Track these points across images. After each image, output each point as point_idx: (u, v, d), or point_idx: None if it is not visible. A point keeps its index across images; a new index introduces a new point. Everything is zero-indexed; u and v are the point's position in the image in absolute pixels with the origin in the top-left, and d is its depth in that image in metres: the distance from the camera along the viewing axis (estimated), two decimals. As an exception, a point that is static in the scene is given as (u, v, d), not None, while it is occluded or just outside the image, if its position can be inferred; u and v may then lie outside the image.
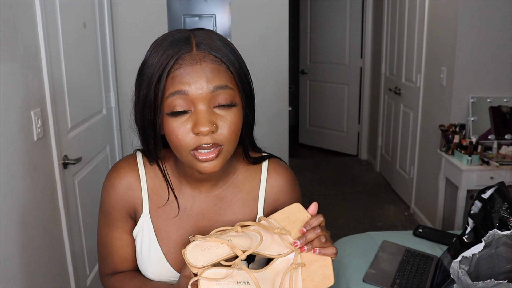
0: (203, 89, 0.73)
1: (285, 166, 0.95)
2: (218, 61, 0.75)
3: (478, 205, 1.61)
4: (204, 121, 0.73)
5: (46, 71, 1.67)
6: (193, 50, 0.75)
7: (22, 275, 1.48)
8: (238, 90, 0.78)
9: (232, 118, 0.76)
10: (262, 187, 0.91)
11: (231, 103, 0.76)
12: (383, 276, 1.60)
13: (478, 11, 2.62)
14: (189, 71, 0.73)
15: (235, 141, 0.79)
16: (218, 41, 0.78)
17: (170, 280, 0.89)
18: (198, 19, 2.83)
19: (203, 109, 0.74)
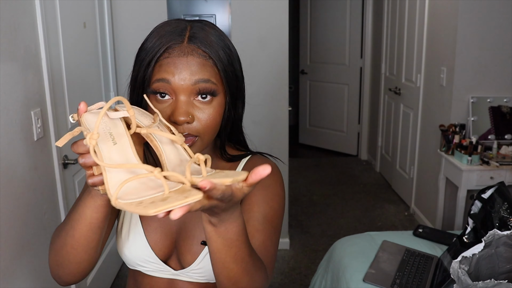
0: (185, 81, 0.76)
1: (266, 159, 0.93)
2: (205, 56, 0.78)
3: (478, 205, 1.61)
4: (181, 111, 0.76)
5: (46, 71, 1.67)
6: (184, 43, 0.78)
7: (22, 275, 1.48)
8: (223, 86, 0.80)
9: (210, 112, 0.79)
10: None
11: (211, 98, 0.79)
12: (383, 276, 1.60)
13: (478, 11, 2.62)
14: (176, 61, 0.77)
15: (211, 134, 0.81)
16: (213, 36, 0.80)
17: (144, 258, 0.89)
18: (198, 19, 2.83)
19: (182, 99, 0.77)
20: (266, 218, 0.85)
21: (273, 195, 0.88)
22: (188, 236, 0.89)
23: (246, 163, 0.92)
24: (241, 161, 0.92)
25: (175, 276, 0.91)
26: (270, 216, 0.86)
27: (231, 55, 0.82)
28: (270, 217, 0.86)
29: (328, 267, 1.85)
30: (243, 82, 0.87)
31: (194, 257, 0.88)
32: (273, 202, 0.88)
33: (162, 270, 0.91)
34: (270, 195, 0.88)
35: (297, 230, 3.25)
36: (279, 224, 0.89)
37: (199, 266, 0.88)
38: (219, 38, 0.81)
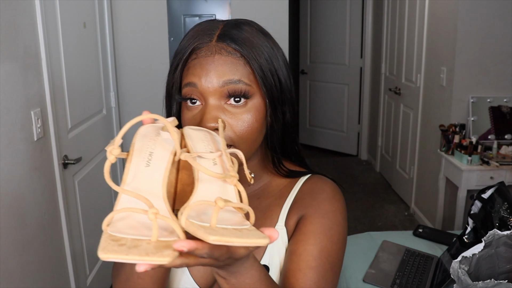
0: (213, 83, 0.68)
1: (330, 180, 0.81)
2: (236, 54, 0.69)
3: (478, 205, 1.61)
4: (209, 116, 0.67)
5: (46, 71, 1.67)
6: (212, 41, 0.70)
7: (22, 275, 1.48)
8: (259, 87, 0.70)
9: (244, 117, 0.69)
10: (292, 193, 0.78)
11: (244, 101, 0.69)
12: (383, 276, 1.60)
13: (478, 11, 2.62)
14: (202, 62, 0.69)
15: (249, 143, 0.70)
16: (247, 33, 0.71)
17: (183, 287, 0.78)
18: (198, 19, 2.83)
19: (211, 104, 0.68)
20: (322, 252, 0.72)
21: (333, 224, 0.75)
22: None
23: (305, 183, 0.79)
24: (300, 179, 0.80)
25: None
26: (328, 250, 0.73)
27: (271, 53, 0.72)
28: (327, 251, 0.73)
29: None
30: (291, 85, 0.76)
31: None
32: (333, 233, 0.74)
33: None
34: (330, 224, 0.75)
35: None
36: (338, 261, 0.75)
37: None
38: (257, 34, 0.72)
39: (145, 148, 0.54)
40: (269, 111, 0.72)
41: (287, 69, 0.74)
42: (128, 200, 0.48)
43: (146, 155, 0.53)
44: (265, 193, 0.79)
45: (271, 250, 0.74)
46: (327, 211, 0.75)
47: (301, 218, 0.75)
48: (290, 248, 0.73)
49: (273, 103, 0.71)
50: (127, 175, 0.51)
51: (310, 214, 0.74)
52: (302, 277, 0.70)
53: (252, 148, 0.72)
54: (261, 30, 0.74)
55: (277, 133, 0.74)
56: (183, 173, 0.56)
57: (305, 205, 0.75)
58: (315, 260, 0.71)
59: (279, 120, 0.73)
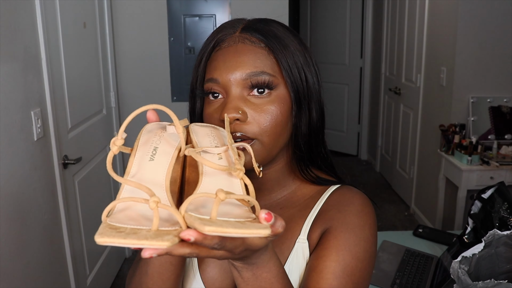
0: (236, 75, 0.65)
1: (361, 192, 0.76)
2: (260, 43, 0.66)
3: (478, 205, 1.61)
4: (230, 106, 0.63)
5: (46, 71, 1.67)
6: (236, 33, 0.68)
7: (22, 275, 1.48)
8: (284, 80, 0.66)
9: (268, 108, 0.65)
10: (318, 205, 0.72)
11: (268, 92, 0.65)
12: (383, 276, 1.60)
13: (478, 11, 2.62)
14: (224, 53, 0.66)
15: (273, 137, 0.66)
16: (274, 26, 0.69)
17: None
18: (198, 19, 2.83)
19: (233, 94, 0.65)
20: (345, 270, 0.65)
21: (360, 240, 0.68)
22: None
23: (332, 193, 0.73)
24: (328, 189, 0.74)
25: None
26: (351, 268, 0.65)
27: (297, 48, 0.68)
28: (351, 269, 0.65)
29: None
30: (319, 87, 0.71)
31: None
32: (358, 250, 0.67)
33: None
34: (356, 239, 0.68)
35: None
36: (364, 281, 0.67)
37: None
38: (282, 29, 0.69)
39: (150, 142, 0.53)
40: (294, 107, 0.68)
41: (314, 68, 0.70)
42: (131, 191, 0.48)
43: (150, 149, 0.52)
44: (289, 203, 0.73)
45: (290, 263, 0.69)
46: (354, 225, 0.69)
47: (325, 231, 0.69)
48: (310, 264, 0.67)
49: (298, 97, 0.67)
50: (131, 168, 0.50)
51: (335, 227, 0.68)
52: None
53: (277, 144, 0.67)
54: (288, 28, 0.71)
55: (303, 132, 0.69)
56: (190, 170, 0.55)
57: (330, 217, 0.69)
58: (336, 279, 0.64)
59: (305, 118, 0.69)
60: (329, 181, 0.74)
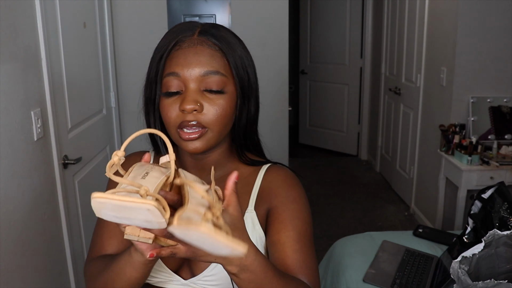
0: (195, 72, 0.77)
1: (288, 168, 0.93)
2: (215, 47, 0.80)
3: (478, 205, 1.61)
4: (190, 99, 0.77)
5: (46, 71, 1.67)
6: (194, 36, 0.80)
7: (22, 275, 1.48)
8: (233, 79, 0.81)
9: (220, 102, 0.79)
10: (258, 182, 0.89)
11: (221, 89, 0.79)
12: (383, 276, 1.60)
13: (478, 11, 2.62)
14: (185, 52, 0.78)
15: (221, 127, 0.80)
16: (223, 32, 0.82)
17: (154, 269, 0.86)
18: (198, 19, 2.83)
19: (192, 89, 0.78)
20: (301, 234, 0.82)
21: (302, 207, 0.86)
22: None
23: (267, 171, 0.89)
24: (262, 167, 0.90)
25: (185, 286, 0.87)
26: (304, 231, 0.83)
27: (243, 52, 0.83)
28: (304, 232, 0.83)
29: (328, 267, 1.85)
30: (257, 84, 0.86)
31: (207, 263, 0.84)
32: (303, 215, 0.85)
33: (172, 280, 0.87)
34: (299, 208, 0.85)
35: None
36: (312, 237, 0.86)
37: (212, 273, 0.84)
38: (231, 35, 0.83)
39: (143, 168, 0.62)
40: (239, 101, 0.82)
41: (254, 69, 0.85)
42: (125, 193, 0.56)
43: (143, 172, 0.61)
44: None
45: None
46: (294, 198, 0.86)
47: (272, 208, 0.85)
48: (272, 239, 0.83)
49: (242, 94, 0.82)
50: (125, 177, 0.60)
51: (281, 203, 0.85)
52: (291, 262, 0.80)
53: (223, 133, 0.81)
54: (234, 34, 0.85)
55: (243, 123, 0.85)
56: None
57: (273, 195, 0.86)
58: (297, 243, 0.81)
59: (245, 111, 0.84)
60: (260, 162, 0.91)
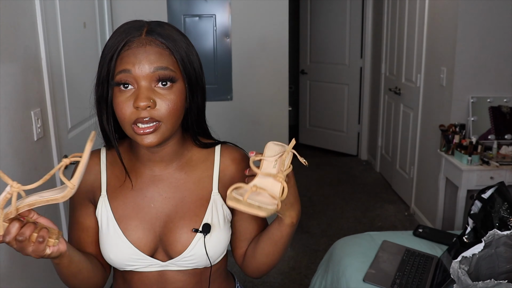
0: (145, 69, 0.82)
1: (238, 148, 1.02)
2: (163, 46, 0.85)
3: (478, 205, 1.61)
4: (143, 96, 0.81)
5: (46, 71, 1.67)
6: (142, 35, 0.85)
7: (22, 275, 1.48)
8: (181, 74, 0.86)
9: (171, 97, 0.84)
10: (216, 165, 0.97)
11: (170, 84, 0.84)
12: (383, 276, 1.60)
13: (478, 11, 2.63)
14: (135, 52, 0.83)
15: (174, 119, 0.85)
16: (169, 30, 0.87)
17: (130, 257, 0.93)
18: (198, 19, 2.83)
19: (144, 86, 0.82)
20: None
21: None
22: (176, 226, 0.93)
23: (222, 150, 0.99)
24: (215, 148, 0.99)
25: (164, 268, 0.95)
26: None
27: (188, 48, 0.88)
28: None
29: (328, 267, 1.85)
30: (202, 75, 0.92)
31: (185, 246, 0.92)
32: None
33: (151, 264, 0.94)
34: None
35: (297, 230, 3.24)
36: None
37: (191, 253, 0.93)
38: (176, 33, 0.88)
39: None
40: (188, 94, 0.88)
41: (199, 61, 0.91)
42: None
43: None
44: (190, 166, 0.97)
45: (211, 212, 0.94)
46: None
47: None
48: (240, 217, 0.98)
49: (191, 87, 0.88)
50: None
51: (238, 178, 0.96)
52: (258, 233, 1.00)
53: (176, 125, 0.87)
54: (178, 30, 0.90)
55: (194, 112, 0.92)
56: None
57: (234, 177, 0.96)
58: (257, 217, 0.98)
59: (194, 103, 0.91)
60: (211, 144, 0.99)
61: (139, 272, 0.96)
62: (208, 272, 0.97)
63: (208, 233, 0.92)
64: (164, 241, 0.94)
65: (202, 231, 0.92)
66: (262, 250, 0.95)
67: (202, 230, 0.92)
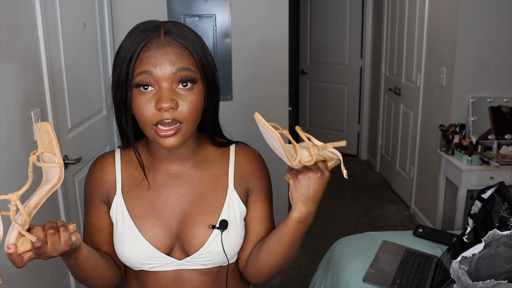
0: (167, 70, 0.82)
1: (252, 148, 1.04)
2: (182, 46, 0.84)
3: (478, 205, 1.61)
4: (166, 98, 0.81)
5: (46, 71, 1.67)
6: (160, 36, 0.84)
7: (22, 275, 1.48)
8: (200, 74, 0.86)
9: (192, 98, 0.84)
10: (231, 163, 0.98)
11: (191, 85, 0.84)
12: (383, 276, 1.60)
13: (478, 11, 2.62)
14: (155, 53, 0.82)
15: (194, 120, 0.86)
16: (186, 31, 0.87)
17: (146, 256, 0.92)
18: (198, 19, 2.83)
19: (166, 87, 0.82)
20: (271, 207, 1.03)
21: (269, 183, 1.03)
22: (193, 223, 0.93)
23: (237, 149, 1.00)
24: (230, 148, 1.00)
25: (180, 266, 0.94)
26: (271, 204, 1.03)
27: (204, 48, 0.88)
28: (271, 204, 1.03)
29: (328, 267, 1.85)
30: (217, 75, 0.93)
31: (203, 242, 0.92)
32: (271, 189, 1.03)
33: (167, 263, 0.94)
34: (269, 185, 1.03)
35: (297, 230, 3.24)
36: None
37: (208, 250, 0.92)
38: (192, 33, 0.88)
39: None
40: (206, 94, 0.89)
41: (212, 59, 0.91)
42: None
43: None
44: (206, 164, 0.97)
45: (228, 208, 0.95)
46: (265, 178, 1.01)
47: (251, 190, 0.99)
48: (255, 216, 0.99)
49: (208, 87, 0.89)
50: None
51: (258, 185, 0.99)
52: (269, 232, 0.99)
53: (196, 125, 0.88)
54: (193, 30, 0.89)
55: (211, 112, 0.93)
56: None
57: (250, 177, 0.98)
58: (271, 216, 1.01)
59: (211, 102, 0.91)
60: (226, 143, 1.00)
61: (154, 272, 0.95)
62: (223, 272, 0.97)
63: (225, 229, 0.92)
64: (181, 238, 0.93)
65: (220, 227, 0.92)
66: (266, 248, 0.93)
67: (220, 226, 0.92)
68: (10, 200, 0.73)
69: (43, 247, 0.74)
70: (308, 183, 0.84)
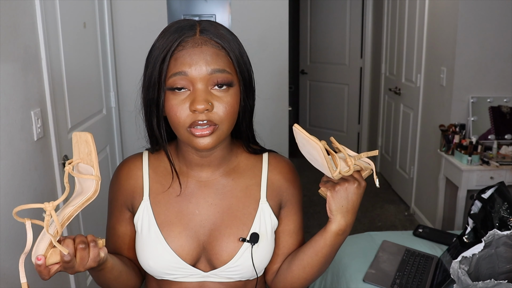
0: (202, 71, 0.78)
1: (285, 158, 1.00)
2: (218, 46, 0.80)
3: (478, 205, 1.61)
4: (201, 99, 0.77)
5: (46, 71, 1.67)
6: (196, 35, 0.80)
7: (22, 275, 1.48)
8: (236, 75, 0.83)
9: (228, 100, 0.80)
10: (264, 173, 0.94)
11: (227, 87, 0.80)
12: (383, 276, 1.60)
13: (478, 11, 2.62)
14: (191, 53, 0.78)
15: (230, 122, 0.82)
16: (222, 30, 0.83)
17: (171, 266, 0.88)
18: (198, 19, 2.83)
19: (201, 88, 0.78)
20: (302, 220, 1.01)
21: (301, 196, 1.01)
22: (223, 234, 0.89)
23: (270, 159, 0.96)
24: (263, 157, 0.96)
25: (204, 278, 0.90)
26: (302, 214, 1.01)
27: (241, 48, 0.85)
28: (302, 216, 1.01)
29: (328, 267, 1.85)
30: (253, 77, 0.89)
31: (231, 255, 0.88)
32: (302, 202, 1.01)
33: (192, 274, 0.90)
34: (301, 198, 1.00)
35: (297, 230, 3.24)
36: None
37: (236, 264, 0.88)
38: (228, 32, 0.84)
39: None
40: (242, 97, 0.85)
41: (250, 64, 0.88)
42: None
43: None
44: (237, 173, 0.93)
45: (259, 221, 0.91)
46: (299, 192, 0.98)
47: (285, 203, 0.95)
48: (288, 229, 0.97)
49: (245, 90, 0.85)
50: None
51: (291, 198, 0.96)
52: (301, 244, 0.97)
53: (231, 128, 0.84)
54: (230, 31, 0.86)
55: (248, 115, 0.89)
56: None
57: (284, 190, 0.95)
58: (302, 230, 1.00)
59: (247, 106, 0.88)
60: (259, 150, 0.96)
61: (177, 282, 0.91)
62: (249, 285, 0.93)
63: (256, 243, 0.88)
64: (208, 250, 0.89)
65: (250, 241, 0.88)
66: (300, 262, 0.89)
67: (250, 239, 0.88)
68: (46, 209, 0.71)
69: (72, 261, 0.72)
70: (346, 194, 0.81)
